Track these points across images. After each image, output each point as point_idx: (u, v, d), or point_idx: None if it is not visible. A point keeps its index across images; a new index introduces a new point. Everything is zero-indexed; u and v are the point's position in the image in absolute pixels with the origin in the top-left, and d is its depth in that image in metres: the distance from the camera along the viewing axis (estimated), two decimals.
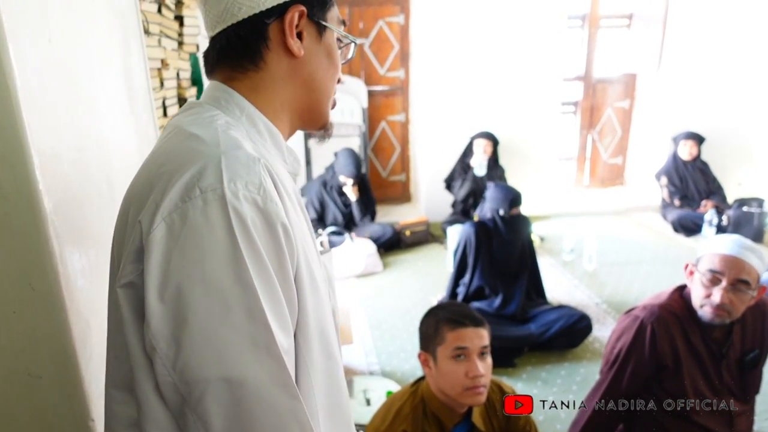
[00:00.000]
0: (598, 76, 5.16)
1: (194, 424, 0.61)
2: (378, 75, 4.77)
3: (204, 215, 0.59)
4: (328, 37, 0.78)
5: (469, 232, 3.04)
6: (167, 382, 0.60)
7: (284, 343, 0.64)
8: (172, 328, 0.59)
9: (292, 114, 0.80)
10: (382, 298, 3.48)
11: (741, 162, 4.99)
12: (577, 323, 2.80)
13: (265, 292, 0.61)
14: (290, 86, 0.77)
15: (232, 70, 0.76)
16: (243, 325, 0.59)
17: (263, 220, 0.62)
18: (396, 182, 5.15)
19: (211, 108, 0.74)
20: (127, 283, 0.63)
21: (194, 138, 0.66)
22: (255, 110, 0.75)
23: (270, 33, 0.74)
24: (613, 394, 1.78)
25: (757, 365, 1.78)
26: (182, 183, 0.61)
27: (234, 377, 0.59)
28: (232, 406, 0.60)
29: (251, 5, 0.72)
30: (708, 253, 1.67)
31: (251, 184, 0.62)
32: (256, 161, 0.64)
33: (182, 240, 0.59)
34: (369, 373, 2.68)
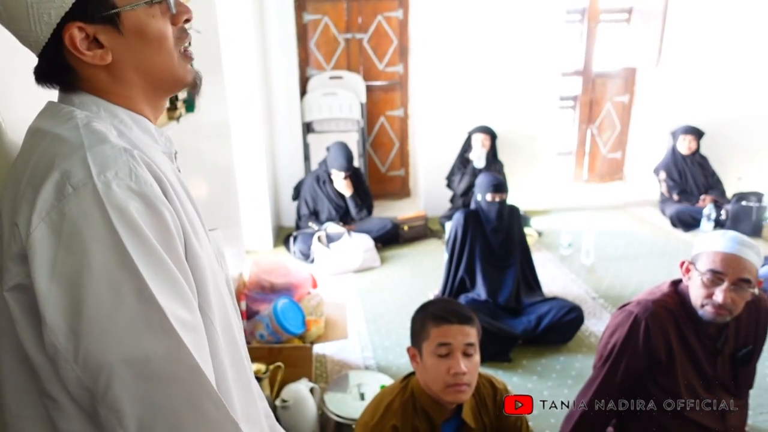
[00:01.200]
0: (597, 70, 5.14)
1: (107, 417, 0.61)
2: (377, 70, 4.76)
3: (80, 209, 0.61)
4: (128, 20, 0.72)
5: (458, 219, 3.07)
6: (72, 377, 0.62)
7: (187, 317, 0.66)
8: (68, 320, 0.60)
9: (145, 97, 0.79)
10: (379, 292, 3.49)
11: (740, 156, 4.97)
12: (568, 314, 2.80)
13: (153, 272, 0.63)
14: (125, 83, 0.76)
15: (65, 84, 0.75)
16: (134, 307, 0.61)
17: (141, 202, 0.64)
18: (395, 177, 5.15)
19: (66, 106, 0.73)
20: (16, 286, 0.64)
21: (57, 138, 0.67)
22: (113, 105, 0.75)
23: (68, 58, 0.72)
24: (607, 389, 1.79)
25: (751, 361, 1.78)
26: (52, 183, 0.62)
27: (135, 357, 0.61)
28: (139, 387, 0.61)
29: (36, 40, 0.70)
30: (706, 251, 1.65)
31: (121, 172, 0.64)
32: (121, 151, 0.66)
33: (64, 235, 0.61)
34: (365, 367, 2.69)
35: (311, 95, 4.48)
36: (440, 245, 4.14)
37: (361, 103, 4.54)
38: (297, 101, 4.47)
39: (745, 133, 4.96)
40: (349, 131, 4.55)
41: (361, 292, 3.49)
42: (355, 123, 4.57)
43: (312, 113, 4.49)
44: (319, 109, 4.47)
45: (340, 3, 4.51)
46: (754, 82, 4.86)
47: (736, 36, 4.71)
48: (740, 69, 4.81)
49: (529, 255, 3.19)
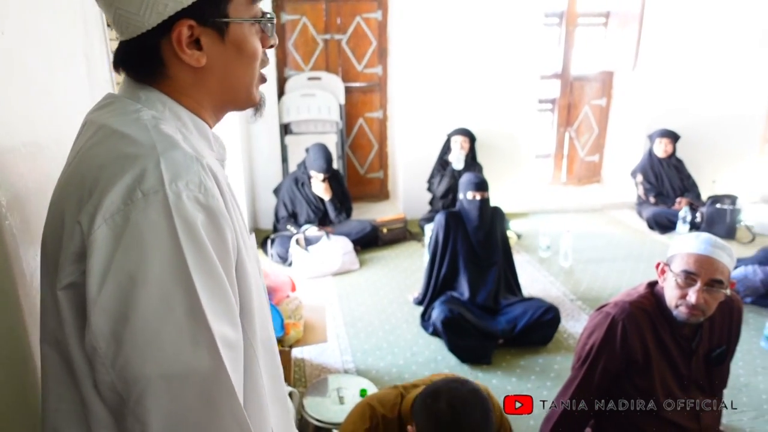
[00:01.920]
0: (575, 73, 5.19)
1: (132, 426, 0.61)
2: (355, 71, 4.74)
3: (146, 217, 0.60)
4: (233, 32, 0.74)
5: (440, 220, 3.08)
6: (105, 381, 0.61)
7: (231, 336, 0.65)
8: (113, 326, 0.60)
9: (214, 105, 0.79)
10: (358, 296, 3.46)
11: (715, 160, 5.07)
12: (545, 314, 2.81)
13: (208, 289, 0.62)
14: (203, 90, 0.76)
15: (141, 78, 0.74)
16: (183, 323, 0.61)
17: (207, 216, 0.63)
18: (374, 179, 5.12)
19: (132, 103, 0.72)
20: (69, 284, 0.64)
21: (127, 139, 0.66)
22: (177, 104, 0.74)
23: (163, 50, 0.71)
24: (585, 389, 1.79)
25: (724, 361, 1.80)
26: (123, 185, 0.61)
27: (174, 373, 0.60)
28: (171, 405, 0.61)
29: (137, 24, 0.69)
30: (680, 253, 1.67)
31: (192, 183, 0.63)
32: (193, 160, 0.65)
33: (125, 240, 0.60)
34: (344, 371, 2.66)
35: (289, 96, 4.44)
36: (419, 248, 4.13)
37: (340, 105, 4.52)
38: (275, 102, 4.42)
39: (719, 138, 5.06)
40: (327, 133, 4.52)
41: (340, 295, 3.46)
42: (333, 124, 4.53)
43: (290, 114, 4.45)
44: (297, 110, 4.43)
45: (318, 4, 4.49)
46: (728, 87, 4.95)
47: (711, 41, 4.80)
48: (714, 74, 4.90)
49: (511, 256, 3.19)
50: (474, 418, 1.31)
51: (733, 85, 4.96)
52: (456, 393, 1.34)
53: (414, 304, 3.26)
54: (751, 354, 2.77)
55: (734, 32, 4.81)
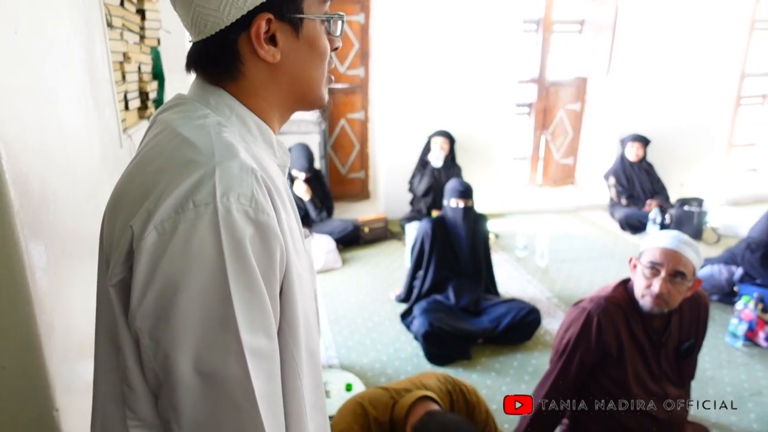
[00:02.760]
0: (551, 79, 5.33)
1: (167, 406, 0.67)
2: (338, 73, 4.79)
3: (194, 227, 0.62)
4: (307, 29, 0.76)
5: (426, 227, 3.13)
6: (149, 368, 0.68)
7: (265, 347, 0.68)
8: (154, 324, 0.64)
9: (282, 107, 0.81)
10: (341, 293, 3.52)
11: (683, 164, 5.27)
12: (527, 316, 2.91)
13: (245, 301, 0.65)
14: (275, 87, 0.77)
15: (214, 77, 0.76)
16: (217, 331, 0.64)
17: (256, 231, 0.65)
18: (355, 179, 5.19)
19: (201, 107, 0.74)
20: (118, 282, 0.68)
21: (188, 144, 0.68)
22: (245, 109, 0.76)
23: (240, 47, 0.73)
24: (563, 381, 1.88)
25: (692, 353, 1.91)
26: (177, 195, 0.63)
27: (206, 373, 0.65)
28: (200, 399, 0.65)
29: (216, 21, 0.71)
30: (649, 247, 1.79)
31: (243, 197, 0.64)
32: (249, 173, 0.66)
33: (171, 248, 0.62)
34: (329, 366, 2.71)
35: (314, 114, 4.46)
36: (400, 247, 4.21)
37: None
38: None
39: (687, 143, 5.26)
40: (310, 133, 4.56)
41: (324, 293, 3.51)
42: (316, 125, 4.58)
43: None
44: None
45: None
46: (695, 94, 5.16)
47: (680, 50, 4.99)
48: (683, 81, 5.09)
49: (490, 260, 3.29)
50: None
51: (700, 92, 5.17)
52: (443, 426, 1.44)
53: (396, 302, 3.34)
54: (716, 349, 2.92)
55: (702, 42, 5.02)
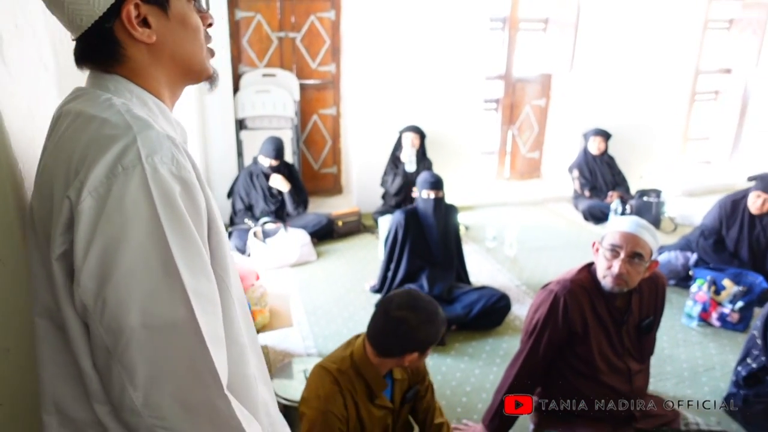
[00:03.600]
0: (517, 75, 5.48)
1: (119, 376, 0.70)
2: (310, 69, 4.83)
3: (126, 187, 0.69)
4: (175, 7, 0.83)
5: (399, 218, 3.22)
6: (96, 336, 0.70)
7: (206, 289, 0.74)
8: (99, 283, 0.68)
9: (171, 84, 0.88)
10: (317, 285, 3.58)
11: (642, 157, 5.50)
12: (498, 302, 3.03)
13: (182, 248, 0.71)
14: (160, 64, 0.85)
15: (104, 66, 0.82)
16: (160, 279, 0.70)
17: (181, 186, 0.73)
18: (327, 174, 5.24)
19: (102, 92, 0.80)
20: (62, 254, 0.73)
21: (106, 123, 0.74)
22: (141, 90, 0.83)
23: (117, 33, 0.80)
24: (533, 360, 2.00)
25: (651, 330, 2.05)
26: (106, 162, 0.70)
27: (155, 324, 0.69)
28: (153, 352, 0.70)
29: (89, 13, 0.77)
30: (610, 231, 1.92)
31: (166, 158, 0.72)
32: (166, 138, 0.74)
33: (108, 208, 0.69)
34: (306, 355, 2.78)
35: (244, 92, 4.49)
36: (374, 240, 4.29)
37: (295, 101, 4.61)
38: (230, 98, 4.46)
39: (646, 136, 5.50)
40: (282, 128, 4.60)
41: (300, 285, 3.57)
42: (288, 120, 4.62)
43: (245, 110, 4.50)
44: (252, 106, 4.48)
45: (273, 2, 4.55)
46: (653, 90, 5.39)
47: (638, 48, 5.21)
48: (641, 78, 5.32)
49: (461, 250, 3.40)
50: (424, 305, 1.67)
51: (657, 88, 5.41)
52: (405, 293, 1.71)
53: (371, 292, 3.42)
54: (674, 329, 3.10)
55: (658, 40, 5.25)
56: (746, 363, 2.35)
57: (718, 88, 6.26)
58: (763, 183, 3.38)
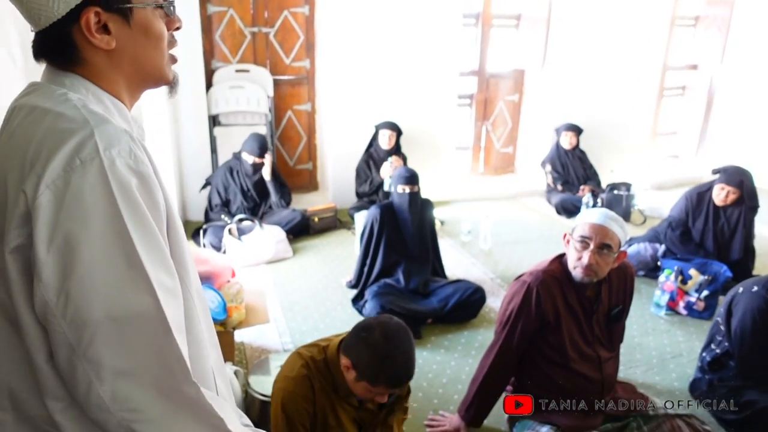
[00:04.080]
0: (490, 71, 5.53)
1: (84, 373, 0.69)
2: (284, 65, 4.81)
3: (84, 180, 0.69)
4: (138, 16, 0.81)
5: (374, 213, 3.23)
6: (58, 332, 0.69)
7: (169, 283, 0.75)
8: (61, 278, 0.67)
9: (130, 88, 0.87)
10: (293, 282, 3.58)
11: (613, 151, 5.61)
12: (473, 295, 3.08)
13: (144, 241, 0.71)
14: (118, 70, 0.83)
15: (61, 64, 0.81)
16: (124, 271, 0.70)
17: (138, 179, 0.73)
18: (303, 171, 5.22)
19: (58, 88, 0.78)
20: (16, 247, 0.71)
21: (62, 117, 0.73)
22: (98, 89, 0.82)
23: (75, 37, 0.78)
24: (507, 349, 2.04)
25: (620, 319, 2.11)
26: (63, 155, 0.69)
27: (120, 316, 0.69)
28: (120, 344, 0.69)
29: (47, 15, 0.76)
30: (580, 223, 1.97)
31: (123, 152, 0.72)
32: (123, 132, 0.74)
33: (67, 202, 0.68)
34: (283, 350, 2.78)
35: (217, 88, 4.44)
36: (350, 236, 4.30)
37: (269, 97, 4.58)
38: (203, 94, 4.41)
39: (616, 131, 5.61)
40: (257, 125, 4.57)
41: (276, 282, 3.56)
42: (262, 116, 4.59)
43: (218, 106, 4.46)
44: (225, 102, 4.45)
45: None
46: (622, 86, 5.50)
47: (608, 44, 5.31)
48: (611, 74, 5.43)
49: (437, 244, 3.43)
50: (404, 344, 1.59)
51: (627, 84, 5.52)
52: (387, 325, 1.61)
53: (347, 288, 3.43)
54: (643, 318, 3.18)
55: (628, 36, 5.36)
56: (711, 349, 2.43)
57: (685, 84, 6.43)
58: (726, 175, 3.49)
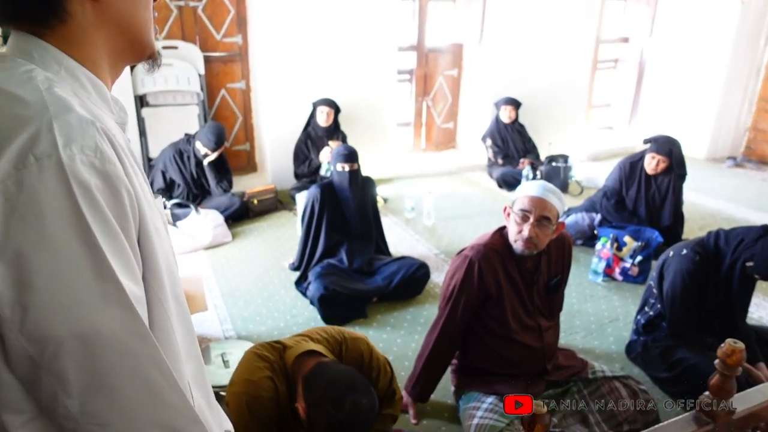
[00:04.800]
0: (429, 45, 5.49)
1: (49, 383, 0.61)
2: (214, 40, 4.59)
3: (41, 181, 0.58)
4: None
5: (314, 193, 3.15)
6: (15, 346, 0.60)
7: (136, 292, 0.66)
8: (16, 290, 0.58)
9: (112, 58, 0.77)
10: (233, 267, 3.46)
11: (550, 124, 5.72)
12: (417, 271, 3.07)
13: (113, 248, 0.62)
14: (103, 31, 0.74)
15: (36, 24, 0.70)
16: (91, 282, 0.61)
17: (104, 182, 0.63)
18: (240, 152, 5.05)
19: (25, 62, 0.68)
20: None
21: (17, 100, 0.63)
22: (73, 62, 0.71)
23: None
24: (451, 324, 2.04)
25: (560, 288, 2.15)
26: (14, 151, 0.59)
27: (87, 332, 0.60)
28: (88, 360, 0.61)
29: None
30: (520, 196, 1.97)
31: (87, 148, 0.62)
32: (89, 124, 0.63)
33: (20, 207, 0.58)
34: (225, 338, 2.69)
35: (143, 66, 4.19)
36: (292, 217, 4.20)
37: (200, 75, 4.37)
38: (127, 72, 4.15)
39: (553, 105, 5.71)
40: (188, 104, 4.37)
41: (215, 268, 3.44)
42: (194, 96, 4.38)
43: (145, 86, 4.22)
44: (153, 81, 4.21)
45: None
46: (558, 60, 5.59)
47: (543, 18, 5.37)
48: (547, 48, 5.50)
49: (380, 222, 3.40)
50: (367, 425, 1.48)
51: (562, 58, 5.61)
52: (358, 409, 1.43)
53: (290, 270, 3.35)
54: (581, 286, 3.27)
55: (562, 10, 5.43)
56: (645, 312, 2.52)
57: (617, 57, 6.61)
58: (656, 145, 3.61)
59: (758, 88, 6.07)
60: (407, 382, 2.17)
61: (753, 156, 6.11)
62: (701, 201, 4.75)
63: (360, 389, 1.48)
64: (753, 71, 6.01)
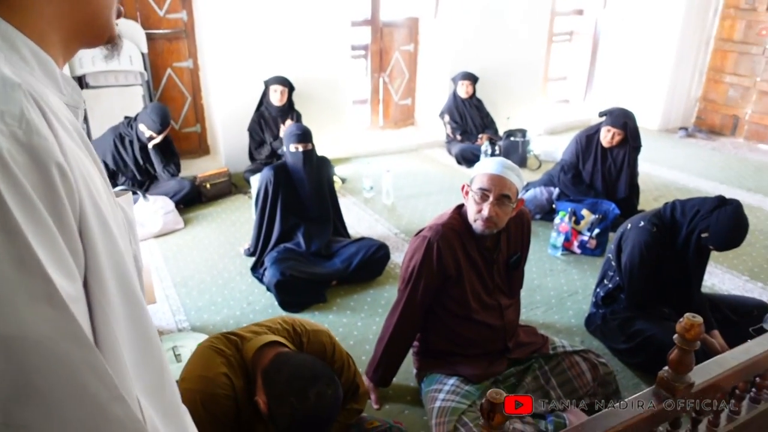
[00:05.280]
0: (384, 20, 5.36)
1: None
2: (157, 17, 4.35)
3: None
4: None
5: (268, 175, 3.03)
6: None
7: (70, 290, 0.57)
8: None
9: (65, 34, 0.66)
10: (186, 254, 3.32)
11: (508, 99, 5.69)
12: (377, 252, 3.01)
13: (38, 237, 0.53)
14: (54, 1, 0.63)
15: None
16: (14, 277, 0.51)
17: (29, 157, 0.53)
18: (191, 134, 4.85)
19: None
20: None
21: None
22: (14, 31, 0.60)
23: None
24: (411, 306, 1.99)
25: (519, 266, 2.12)
26: None
27: (10, 335, 0.51)
28: (14, 367, 0.52)
29: None
30: (479, 174, 1.91)
31: (9, 116, 0.52)
32: (15, 87, 0.53)
33: None
34: (178, 330, 2.58)
35: (101, 51, 3.93)
36: (246, 200, 4.07)
37: (143, 54, 4.14)
38: None
39: (510, 79, 5.68)
40: (132, 85, 4.13)
41: (166, 256, 3.29)
42: (137, 75, 4.15)
43: (84, 66, 3.96)
44: (92, 60, 3.96)
45: None
46: (514, 33, 5.54)
47: None
48: (503, 21, 5.43)
49: (337, 202, 3.30)
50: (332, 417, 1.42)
51: (518, 31, 5.57)
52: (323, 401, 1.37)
53: (246, 256, 3.24)
54: (541, 260, 3.28)
55: None
56: (604, 284, 2.53)
57: (572, 29, 6.62)
58: (612, 118, 3.62)
59: (708, 59, 6.19)
60: (368, 367, 2.12)
61: (703, 126, 6.26)
62: (655, 172, 4.83)
63: (324, 379, 1.41)
64: (702, 43, 6.12)
